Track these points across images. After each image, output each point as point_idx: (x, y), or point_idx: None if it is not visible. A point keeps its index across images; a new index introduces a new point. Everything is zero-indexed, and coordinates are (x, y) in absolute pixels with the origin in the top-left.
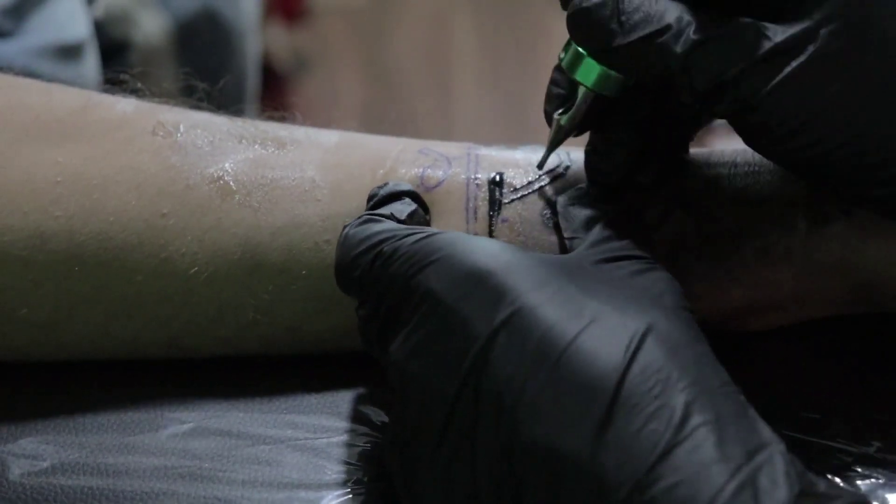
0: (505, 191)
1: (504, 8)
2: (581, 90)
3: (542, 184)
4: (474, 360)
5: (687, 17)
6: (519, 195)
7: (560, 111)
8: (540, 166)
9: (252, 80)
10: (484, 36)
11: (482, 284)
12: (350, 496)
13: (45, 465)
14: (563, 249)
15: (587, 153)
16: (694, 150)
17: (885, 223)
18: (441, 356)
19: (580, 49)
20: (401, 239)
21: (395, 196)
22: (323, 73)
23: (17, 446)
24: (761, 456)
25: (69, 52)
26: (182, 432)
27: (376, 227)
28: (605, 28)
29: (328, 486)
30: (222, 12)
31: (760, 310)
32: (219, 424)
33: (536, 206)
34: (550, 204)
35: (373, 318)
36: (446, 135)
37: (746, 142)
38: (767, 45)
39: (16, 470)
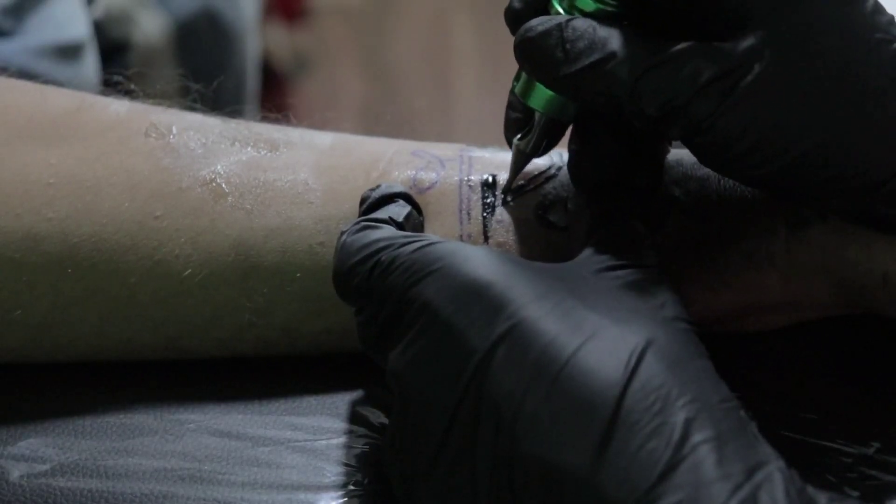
0: (498, 192)
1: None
2: (537, 115)
3: (536, 185)
4: (473, 373)
5: (632, 43)
6: (512, 197)
7: (518, 136)
8: (505, 191)
9: (252, 80)
10: (484, 36)
11: (481, 296)
12: (348, 498)
13: (45, 467)
14: (559, 252)
15: (569, 166)
16: (686, 151)
17: (863, 226)
18: (440, 368)
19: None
20: (399, 248)
21: (388, 198)
22: (323, 73)
23: (16, 448)
24: (761, 474)
25: (68, 52)
26: (182, 434)
27: (374, 235)
28: (551, 57)
29: (327, 488)
30: (222, 12)
31: (754, 312)
32: (218, 426)
33: (530, 207)
34: (544, 206)
35: (371, 324)
36: (445, 135)
37: (702, 162)
38: (714, 67)
39: (15, 472)
